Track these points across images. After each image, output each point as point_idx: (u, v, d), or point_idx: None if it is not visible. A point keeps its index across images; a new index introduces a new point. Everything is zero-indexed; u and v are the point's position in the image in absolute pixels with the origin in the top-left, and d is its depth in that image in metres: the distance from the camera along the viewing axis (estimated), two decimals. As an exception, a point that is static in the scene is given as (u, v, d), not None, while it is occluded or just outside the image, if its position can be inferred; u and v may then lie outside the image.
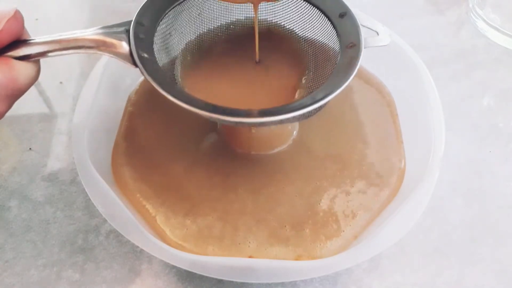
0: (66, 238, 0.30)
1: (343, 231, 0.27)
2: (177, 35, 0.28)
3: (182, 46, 0.28)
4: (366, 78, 0.35)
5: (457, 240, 0.30)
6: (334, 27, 0.26)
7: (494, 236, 0.30)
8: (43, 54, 0.22)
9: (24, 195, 0.32)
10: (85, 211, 0.31)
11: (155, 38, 0.25)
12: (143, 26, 0.25)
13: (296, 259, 0.26)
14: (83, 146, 0.27)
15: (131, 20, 0.25)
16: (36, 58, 0.22)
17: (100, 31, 0.23)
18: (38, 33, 0.23)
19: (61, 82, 0.39)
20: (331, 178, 0.29)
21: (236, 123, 0.23)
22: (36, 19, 0.45)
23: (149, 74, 0.23)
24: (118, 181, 0.29)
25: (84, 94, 0.30)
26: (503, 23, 0.41)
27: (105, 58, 0.31)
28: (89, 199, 0.25)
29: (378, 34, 0.26)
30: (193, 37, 0.29)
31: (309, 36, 0.29)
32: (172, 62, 0.27)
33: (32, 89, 0.38)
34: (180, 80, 0.27)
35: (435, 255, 0.29)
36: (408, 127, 0.31)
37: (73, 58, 0.40)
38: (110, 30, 0.24)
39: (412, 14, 0.44)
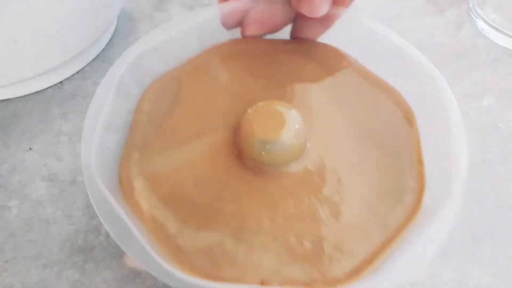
0: (66, 238, 0.30)
1: (358, 251, 0.25)
2: None
3: None
4: (383, 88, 0.31)
5: (457, 240, 0.30)
6: None
7: (494, 236, 0.30)
8: None
9: (24, 195, 0.32)
10: (85, 211, 0.31)
11: None
12: None
13: (308, 285, 0.24)
14: (92, 158, 0.25)
15: None
16: None
17: None
18: None
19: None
20: (353, 188, 0.27)
21: None
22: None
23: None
24: (126, 193, 0.27)
25: (95, 101, 0.27)
26: (503, 23, 0.41)
27: (116, 64, 0.29)
28: (89, 199, 0.25)
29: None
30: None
31: None
32: None
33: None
34: None
35: (435, 255, 0.29)
36: (427, 146, 0.29)
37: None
38: None
39: (412, 14, 0.44)
